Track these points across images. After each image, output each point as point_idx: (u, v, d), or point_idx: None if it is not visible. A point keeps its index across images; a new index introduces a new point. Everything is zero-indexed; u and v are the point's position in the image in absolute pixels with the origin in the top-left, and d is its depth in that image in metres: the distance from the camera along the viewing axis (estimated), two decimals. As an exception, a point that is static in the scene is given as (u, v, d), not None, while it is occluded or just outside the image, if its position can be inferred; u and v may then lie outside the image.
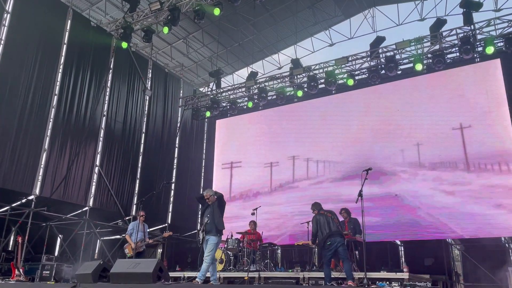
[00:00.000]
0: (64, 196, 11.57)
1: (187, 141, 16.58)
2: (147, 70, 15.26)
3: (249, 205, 13.53)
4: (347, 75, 12.93)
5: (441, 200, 11.06)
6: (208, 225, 6.96)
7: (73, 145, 12.07)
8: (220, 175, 15.47)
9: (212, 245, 6.85)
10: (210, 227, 6.96)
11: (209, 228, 6.97)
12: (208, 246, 6.86)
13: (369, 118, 12.90)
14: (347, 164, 12.69)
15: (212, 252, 6.85)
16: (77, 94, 12.35)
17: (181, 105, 16.48)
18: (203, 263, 6.81)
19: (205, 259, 6.77)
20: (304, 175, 13.58)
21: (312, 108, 14.16)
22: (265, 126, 15.02)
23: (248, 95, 14.88)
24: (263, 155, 14.62)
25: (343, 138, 13.13)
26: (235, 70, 17.80)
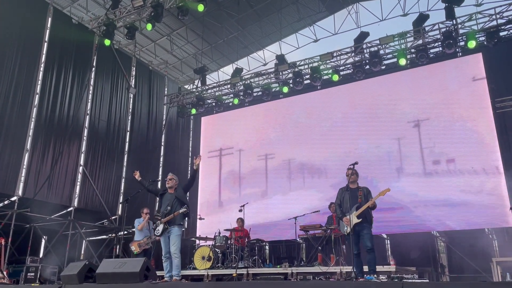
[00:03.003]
0: (48, 196, 11.42)
1: (173, 139, 16.47)
2: (131, 68, 15.11)
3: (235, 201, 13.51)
4: (332, 70, 12.96)
5: (426, 193, 11.19)
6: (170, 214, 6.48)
7: (56, 145, 11.90)
8: (207, 171, 15.40)
9: (176, 236, 6.41)
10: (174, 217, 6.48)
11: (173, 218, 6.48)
12: (172, 238, 6.41)
13: (354, 112, 12.97)
14: (332, 159, 12.74)
15: (178, 244, 6.40)
16: (59, 92, 12.17)
17: (166, 102, 16.35)
18: (174, 258, 6.36)
19: (174, 254, 6.34)
20: (289, 172, 13.58)
21: (298, 104, 14.18)
22: (250, 123, 14.99)
23: (234, 91, 14.83)
24: (248, 153, 14.58)
25: (329, 133, 13.20)
26: (220, 67, 17.72)
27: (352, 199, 6.47)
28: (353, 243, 6.35)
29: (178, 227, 6.52)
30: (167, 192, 6.79)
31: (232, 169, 14.84)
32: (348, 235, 6.41)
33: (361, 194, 6.52)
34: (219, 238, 9.99)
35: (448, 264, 11.54)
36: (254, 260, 9.68)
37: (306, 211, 10.37)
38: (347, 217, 6.39)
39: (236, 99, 14.65)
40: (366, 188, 6.65)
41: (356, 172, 6.61)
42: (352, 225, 6.32)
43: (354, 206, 6.41)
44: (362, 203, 6.42)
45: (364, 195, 6.51)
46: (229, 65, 17.52)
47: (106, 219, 13.02)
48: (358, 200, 6.47)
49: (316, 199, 12.55)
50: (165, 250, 6.55)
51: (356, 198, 6.49)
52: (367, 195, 6.53)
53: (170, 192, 6.75)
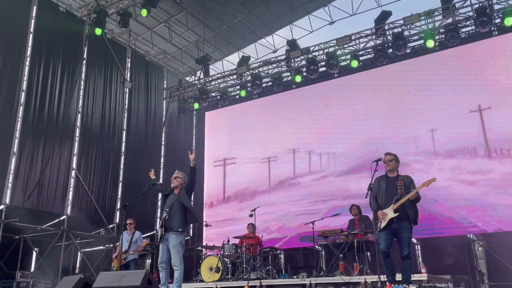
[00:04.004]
0: (38, 204, 11.50)
1: (174, 137, 16.51)
2: (126, 59, 15.14)
3: (246, 206, 13.53)
4: (350, 56, 12.89)
5: (460, 191, 11.08)
6: (169, 219, 6.37)
7: (46, 147, 11.99)
8: (212, 173, 15.45)
9: (175, 246, 6.29)
10: (171, 222, 6.35)
11: (170, 222, 6.35)
12: (170, 249, 6.33)
13: (377, 102, 12.89)
14: (354, 155, 12.69)
15: (178, 254, 6.28)
16: (47, 89, 12.25)
17: (165, 97, 16.39)
18: (175, 271, 6.27)
19: (175, 267, 6.25)
20: (306, 170, 13.58)
21: (313, 95, 14.13)
22: (260, 117, 14.97)
23: (240, 83, 14.82)
24: (260, 150, 14.61)
25: (348, 126, 13.14)
26: (224, 55, 17.70)
27: (390, 190, 6.07)
28: (383, 239, 5.94)
29: (176, 234, 6.38)
30: (172, 193, 6.72)
31: (240, 168, 14.83)
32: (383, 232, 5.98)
33: (401, 185, 6.06)
34: (228, 246, 10.00)
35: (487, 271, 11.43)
36: (267, 271, 9.68)
37: (324, 214, 10.32)
38: (382, 211, 5.98)
39: (243, 91, 14.64)
40: (408, 177, 6.17)
41: (396, 158, 6.20)
42: (387, 220, 5.96)
43: (393, 199, 6.00)
44: (403, 195, 5.96)
45: (405, 186, 6.05)
46: (234, 53, 17.48)
47: (102, 228, 13.10)
48: (398, 191, 6.02)
49: (335, 201, 12.53)
50: (161, 258, 6.46)
51: (395, 189, 6.05)
52: (409, 185, 6.06)
53: (174, 193, 6.68)
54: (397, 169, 6.24)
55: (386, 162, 6.18)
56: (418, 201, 6.03)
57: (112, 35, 14.73)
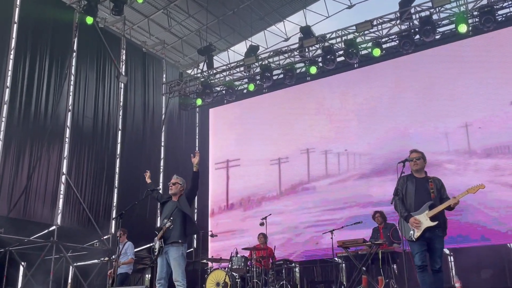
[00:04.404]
0: (25, 213, 11.52)
1: (175, 137, 16.52)
2: (120, 51, 15.18)
3: (253, 214, 13.47)
4: (372, 43, 12.80)
5: (500, 195, 10.91)
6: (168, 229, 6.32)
7: (33, 150, 12.02)
8: (216, 177, 15.40)
9: (175, 260, 6.27)
10: (171, 232, 6.33)
11: (170, 233, 6.33)
12: (170, 262, 6.31)
13: (402, 95, 12.79)
14: (376, 156, 12.58)
15: (179, 269, 6.24)
16: (34, 85, 12.28)
17: (165, 92, 16.41)
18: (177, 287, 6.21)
19: (177, 283, 6.18)
20: (322, 172, 13.49)
21: (330, 87, 14.02)
22: (271, 114, 14.90)
23: (248, 75, 14.77)
24: (270, 150, 14.57)
25: (370, 123, 13.03)
26: (230, 45, 17.68)
27: (420, 193, 5.87)
28: (419, 252, 5.75)
29: (177, 246, 6.34)
30: (170, 200, 6.69)
31: (250, 171, 14.77)
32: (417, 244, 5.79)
33: (433, 187, 5.85)
34: (237, 259, 9.96)
35: (531, 285, 11.25)
36: (281, 286, 9.64)
37: (345, 222, 10.28)
38: (416, 218, 5.76)
39: (252, 85, 14.59)
40: (438, 179, 5.99)
41: (423, 156, 6.03)
42: (422, 229, 5.74)
43: (426, 204, 5.79)
44: (436, 200, 5.78)
45: (437, 189, 5.86)
46: (241, 43, 17.46)
47: (96, 240, 13.12)
48: (431, 195, 5.82)
49: (357, 207, 12.44)
50: (160, 274, 6.39)
51: (427, 192, 5.85)
52: (440, 189, 5.88)
53: (173, 200, 6.65)
54: (424, 169, 6.09)
55: (413, 160, 5.99)
56: (451, 209, 5.86)
57: (104, 24, 14.75)
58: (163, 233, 6.35)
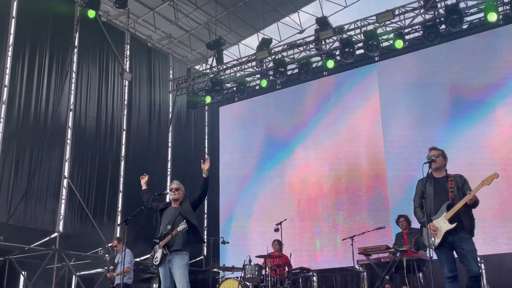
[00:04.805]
0: (25, 220, 11.68)
1: (183, 137, 16.61)
2: (124, 46, 15.31)
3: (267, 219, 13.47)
4: (394, 34, 12.79)
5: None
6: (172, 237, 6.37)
7: (34, 152, 12.19)
8: (227, 180, 15.48)
9: (180, 268, 6.31)
10: (174, 240, 6.37)
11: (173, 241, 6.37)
12: (175, 271, 6.33)
13: (428, 88, 12.73)
14: (404, 154, 12.54)
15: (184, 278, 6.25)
16: (34, 84, 12.45)
17: (172, 90, 16.50)
18: None
19: None
20: (342, 172, 13.48)
21: (349, 83, 14.04)
22: (285, 111, 14.95)
23: (261, 70, 14.82)
24: (287, 147, 14.58)
25: (394, 119, 12.98)
26: (241, 38, 17.74)
27: (439, 194, 5.75)
28: (445, 261, 5.64)
29: (181, 254, 6.41)
30: (169, 207, 6.75)
31: (263, 173, 14.82)
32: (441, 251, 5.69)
33: (453, 186, 5.70)
34: (250, 267, 9.93)
35: None
36: (298, 296, 9.69)
37: (366, 227, 10.26)
38: (433, 223, 5.66)
39: (265, 81, 14.64)
40: (460, 176, 5.82)
41: (443, 154, 5.90)
42: (442, 234, 5.65)
43: (444, 205, 5.67)
44: (456, 199, 5.62)
45: (458, 187, 5.69)
46: (253, 36, 17.52)
47: (101, 247, 13.22)
48: (449, 195, 5.68)
49: (379, 211, 12.44)
50: (164, 284, 6.47)
51: (446, 193, 5.71)
52: (463, 186, 5.70)
53: (173, 207, 6.70)
54: (445, 167, 5.95)
55: (431, 158, 5.85)
56: (475, 206, 5.67)
57: (107, 18, 14.86)
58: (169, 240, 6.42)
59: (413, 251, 8.67)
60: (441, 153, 5.91)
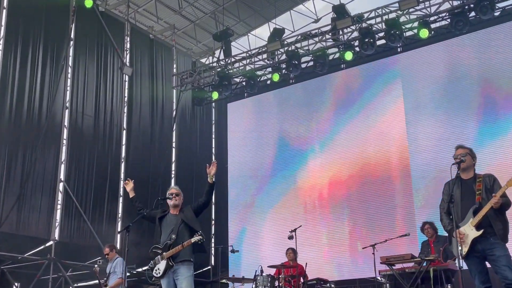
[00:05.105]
0: (18, 227, 11.65)
1: (188, 136, 16.61)
2: (124, 38, 15.31)
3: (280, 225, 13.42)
4: (418, 23, 12.70)
5: None
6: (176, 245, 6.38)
7: (27, 154, 12.17)
8: (236, 182, 15.41)
9: (187, 279, 6.35)
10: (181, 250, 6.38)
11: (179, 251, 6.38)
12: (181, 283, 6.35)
13: (457, 84, 12.64)
14: (430, 154, 12.42)
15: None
16: (27, 79, 12.45)
17: (176, 85, 16.51)
18: None
19: None
20: (363, 174, 13.39)
21: (369, 76, 13.94)
22: (298, 108, 14.84)
23: (273, 63, 14.76)
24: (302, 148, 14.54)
25: (419, 116, 12.86)
26: (250, 28, 17.73)
27: (466, 198, 5.70)
28: (476, 274, 5.61)
29: (188, 265, 6.44)
30: (168, 214, 6.74)
31: (275, 175, 14.77)
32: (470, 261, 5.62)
33: (480, 188, 5.64)
34: (262, 278, 9.92)
35: None
36: (315, 310, 9.63)
37: (389, 235, 10.19)
38: (460, 231, 5.59)
39: (277, 75, 14.59)
40: (490, 176, 5.75)
41: (471, 153, 5.84)
42: (469, 242, 5.61)
43: (470, 209, 5.61)
44: (483, 202, 5.53)
45: (486, 189, 5.63)
46: (263, 26, 17.50)
47: (100, 257, 13.22)
48: (476, 198, 5.61)
49: (403, 216, 12.37)
50: None
51: (473, 196, 5.64)
52: (492, 187, 5.63)
53: (173, 214, 6.70)
54: (473, 167, 5.88)
55: (458, 157, 5.78)
56: (507, 208, 5.60)
57: (106, 8, 14.88)
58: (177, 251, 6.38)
59: (441, 261, 8.63)
60: (469, 152, 5.85)
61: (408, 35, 13.22)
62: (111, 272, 9.49)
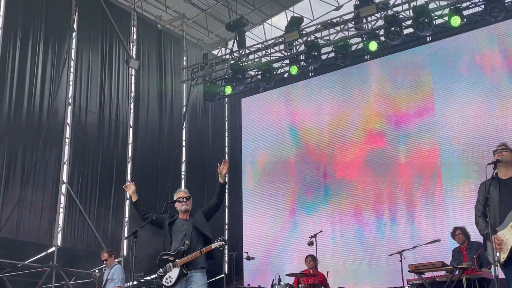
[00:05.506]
0: (17, 233, 11.74)
1: (199, 134, 16.66)
2: (130, 29, 15.38)
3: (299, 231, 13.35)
4: (449, 10, 12.56)
5: None
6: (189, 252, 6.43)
7: (27, 154, 12.26)
8: (251, 183, 15.39)
9: (204, 286, 6.43)
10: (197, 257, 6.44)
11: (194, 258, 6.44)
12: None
13: (494, 76, 12.48)
14: (463, 153, 12.31)
15: None
16: (26, 74, 12.54)
17: (186, 79, 16.55)
18: None
19: None
20: (388, 174, 13.32)
21: (395, 68, 13.86)
22: (318, 102, 14.80)
23: (290, 55, 14.72)
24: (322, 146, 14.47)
25: (451, 110, 12.75)
26: (266, 17, 17.76)
27: (505, 199, 5.60)
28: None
29: (201, 272, 6.48)
30: (178, 219, 6.77)
31: (294, 176, 14.73)
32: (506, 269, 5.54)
33: None
34: (280, 287, 9.90)
35: None
36: (337, 322, 9.63)
37: (417, 241, 10.15)
38: (497, 236, 5.51)
39: (295, 67, 14.53)
40: None
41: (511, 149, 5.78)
42: (509, 248, 5.49)
43: (510, 212, 5.52)
44: None
45: None
46: (280, 14, 17.53)
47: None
48: None
49: (433, 221, 12.24)
50: None
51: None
52: None
53: (183, 219, 6.73)
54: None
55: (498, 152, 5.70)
56: None
57: (110, -4, 14.97)
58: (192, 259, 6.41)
59: (475, 269, 8.58)
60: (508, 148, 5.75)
61: (438, 23, 13.09)
62: (109, 279, 9.55)
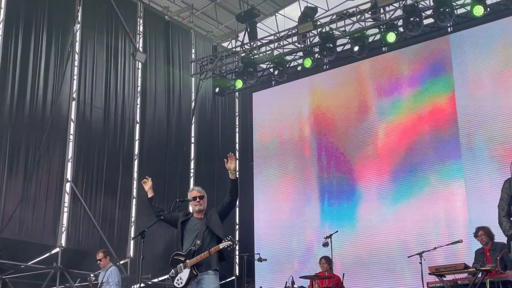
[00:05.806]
0: (20, 233, 11.82)
1: (209, 130, 16.68)
2: (137, 21, 15.41)
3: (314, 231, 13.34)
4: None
5: None
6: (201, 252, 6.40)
7: (30, 151, 12.33)
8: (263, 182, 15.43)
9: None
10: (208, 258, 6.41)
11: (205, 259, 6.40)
12: None
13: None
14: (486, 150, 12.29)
15: None
16: (29, 68, 12.60)
17: (195, 72, 16.56)
18: None
19: None
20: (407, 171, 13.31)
21: (415, 60, 13.81)
22: (334, 97, 14.80)
23: (304, 47, 14.72)
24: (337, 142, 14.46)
25: (473, 106, 12.72)
26: (278, 7, 17.71)
27: None
28: None
29: (213, 274, 6.48)
30: (191, 218, 6.78)
31: (308, 172, 14.73)
32: None
33: None
34: (294, 291, 10.02)
35: None
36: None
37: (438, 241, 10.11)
38: None
39: (309, 60, 14.51)
40: None
41: None
42: None
43: None
44: None
45: None
46: (293, 4, 17.44)
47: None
48: None
49: (454, 221, 12.27)
50: None
51: None
52: None
53: (197, 218, 6.74)
54: None
55: None
56: None
57: (116, -13, 15.00)
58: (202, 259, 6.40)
59: (499, 271, 8.53)
60: None
61: (460, 12, 13.05)
62: (104, 282, 9.57)
